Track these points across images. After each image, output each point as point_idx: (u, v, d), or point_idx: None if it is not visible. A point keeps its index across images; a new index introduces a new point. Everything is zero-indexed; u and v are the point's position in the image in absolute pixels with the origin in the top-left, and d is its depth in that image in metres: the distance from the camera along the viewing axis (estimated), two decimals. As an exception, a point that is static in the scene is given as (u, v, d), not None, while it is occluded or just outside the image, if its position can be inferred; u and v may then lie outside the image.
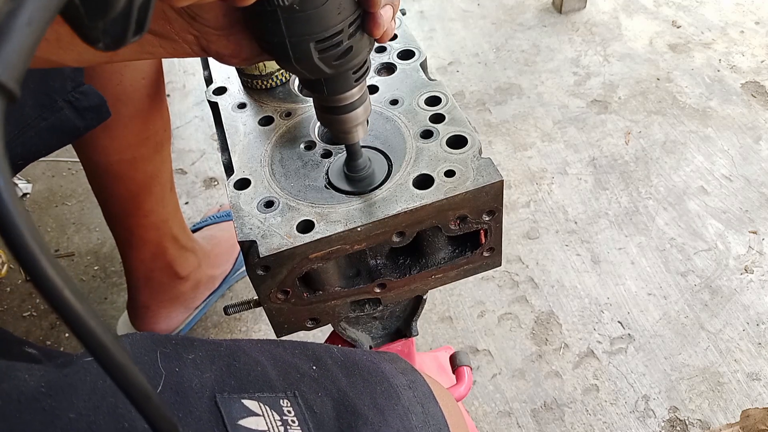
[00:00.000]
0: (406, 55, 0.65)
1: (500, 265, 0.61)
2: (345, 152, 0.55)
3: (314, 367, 0.46)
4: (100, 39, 0.26)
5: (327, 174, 0.56)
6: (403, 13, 0.70)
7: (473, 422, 1.01)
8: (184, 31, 0.42)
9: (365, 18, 0.43)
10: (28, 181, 1.51)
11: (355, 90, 0.48)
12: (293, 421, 0.40)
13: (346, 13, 0.41)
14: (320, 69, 0.43)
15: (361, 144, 0.54)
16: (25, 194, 1.49)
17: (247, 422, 0.39)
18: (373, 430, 0.43)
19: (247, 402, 0.40)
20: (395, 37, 0.67)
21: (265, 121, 0.61)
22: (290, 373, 0.44)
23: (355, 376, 0.47)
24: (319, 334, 1.07)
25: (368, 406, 0.44)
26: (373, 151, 0.57)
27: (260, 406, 0.40)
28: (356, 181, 0.54)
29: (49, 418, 0.35)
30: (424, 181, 0.53)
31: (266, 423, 0.39)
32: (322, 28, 0.41)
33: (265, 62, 0.63)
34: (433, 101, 0.60)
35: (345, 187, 0.54)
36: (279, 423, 0.40)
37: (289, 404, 0.41)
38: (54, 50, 0.42)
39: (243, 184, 0.55)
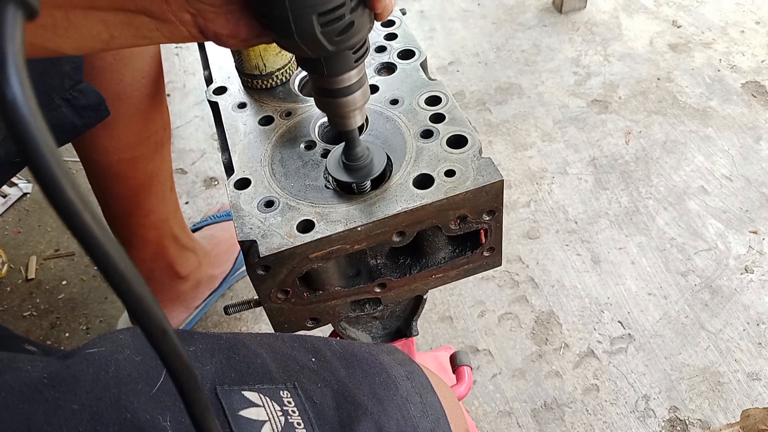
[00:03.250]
0: (406, 54, 0.65)
1: (500, 264, 0.61)
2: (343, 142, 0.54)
3: (313, 359, 0.46)
4: None
5: (325, 166, 0.55)
6: (404, 13, 0.70)
7: (473, 422, 1.01)
8: (181, 10, 0.42)
9: None
10: (29, 181, 1.50)
11: (353, 72, 0.47)
12: (293, 412, 0.41)
13: None
14: (322, 44, 0.43)
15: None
16: (25, 194, 1.49)
17: (247, 413, 0.39)
18: (372, 420, 0.43)
19: (247, 393, 0.40)
20: (395, 36, 0.67)
21: (266, 121, 0.61)
22: (290, 365, 0.45)
23: (353, 367, 0.47)
24: (319, 334, 1.07)
25: (367, 397, 0.45)
26: (371, 141, 0.56)
27: (260, 397, 0.40)
28: (354, 170, 0.53)
29: (51, 409, 0.35)
30: (424, 181, 0.53)
31: (267, 413, 0.40)
32: (325, 0, 0.40)
33: (266, 62, 0.63)
34: (433, 101, 0.59)
35: (343, 177, 0.53)
36: (279, 413, 0.40)
37: (289, 395, 0.42)
38: (50, 36, 0.42)
39: (243, 183, 0.55)
